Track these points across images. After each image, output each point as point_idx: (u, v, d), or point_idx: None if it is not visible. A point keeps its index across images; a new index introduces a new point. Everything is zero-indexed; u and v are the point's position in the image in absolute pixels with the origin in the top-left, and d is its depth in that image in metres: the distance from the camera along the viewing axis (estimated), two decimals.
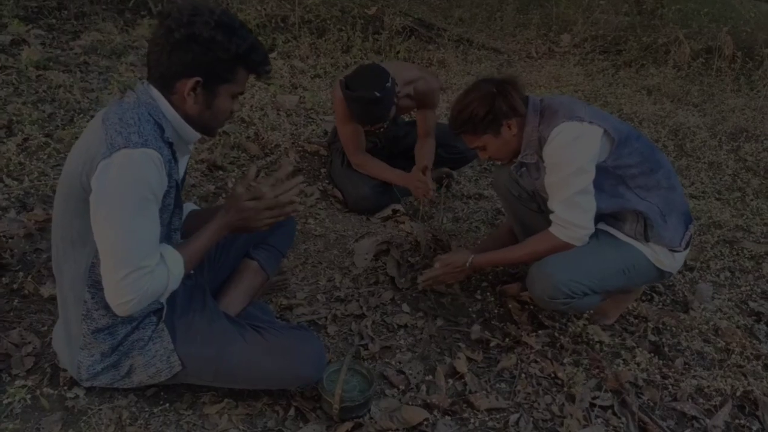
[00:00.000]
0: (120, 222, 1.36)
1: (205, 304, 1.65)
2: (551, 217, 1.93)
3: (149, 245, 1.42)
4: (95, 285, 1.46)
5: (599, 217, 1.94)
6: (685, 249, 2.01)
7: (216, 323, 1.62)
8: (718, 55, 5.69)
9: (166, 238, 1.52)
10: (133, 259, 1.38)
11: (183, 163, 1.57)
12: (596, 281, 1.91)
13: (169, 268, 1.47)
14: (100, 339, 1.53)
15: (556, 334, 2.09)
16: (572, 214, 1.86)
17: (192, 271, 1.69)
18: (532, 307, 2.21)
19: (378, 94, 2.44)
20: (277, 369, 1.60)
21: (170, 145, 1.44)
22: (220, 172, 2.88)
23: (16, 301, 1.93)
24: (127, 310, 1.42)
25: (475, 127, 1.92)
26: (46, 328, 1.84)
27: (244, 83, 1.50)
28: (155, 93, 1.43)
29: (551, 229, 1.92)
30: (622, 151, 1.88)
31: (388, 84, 2.48)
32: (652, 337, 2.13)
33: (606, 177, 1.89)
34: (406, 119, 3.30)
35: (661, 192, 1.95)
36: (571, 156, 1.83)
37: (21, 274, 2.02)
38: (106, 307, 1.48)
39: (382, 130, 2.69)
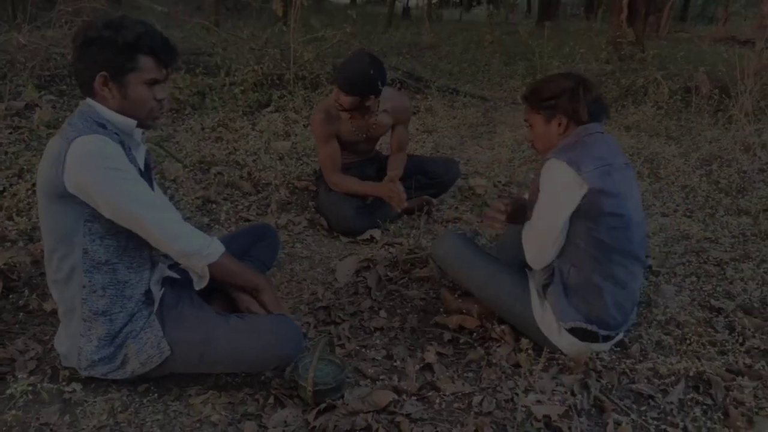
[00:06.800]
0: (117, 186, 1.60)
1: (192, 298, 1.84)
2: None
3: (151, 196, 1.69)
4: (90, 270, 1.68)
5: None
6: (571, 336, 1.99)
7: (202, 312, 1.81)
8: (695, 93, 5.94)
9: None
10: (152, 203, 1.66)
11: (140, 155, 1.80)
12: (474, 285, 2.16)
13: (211, 240, 1.78)
14: (99, 322, 1.72)
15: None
16: (528, 243, 1.99)
17: (179, 276, 1.89)
18: None
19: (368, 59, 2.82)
20: (257, 348, 1.76)
21: (116, 135, 1.67)
22: (213, 206, 3.11)
23: (21, 315, 2.12)
24: (183, 243, 1.71)
25: (536, 102, 2.04)
26: (47, 337, 2.01)
27: (155, 70, 1.67)
28: (89, 101, 1.69)
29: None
30: (596, 226, 1.88)
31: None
32: None
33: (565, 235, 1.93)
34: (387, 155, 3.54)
35: (605, 284, 1.93)
36: (548, 194, 1.91)
37: (27, 293, 2.21)
38: (103, 287, 1.70)
39: (375, 117, 3.03)
